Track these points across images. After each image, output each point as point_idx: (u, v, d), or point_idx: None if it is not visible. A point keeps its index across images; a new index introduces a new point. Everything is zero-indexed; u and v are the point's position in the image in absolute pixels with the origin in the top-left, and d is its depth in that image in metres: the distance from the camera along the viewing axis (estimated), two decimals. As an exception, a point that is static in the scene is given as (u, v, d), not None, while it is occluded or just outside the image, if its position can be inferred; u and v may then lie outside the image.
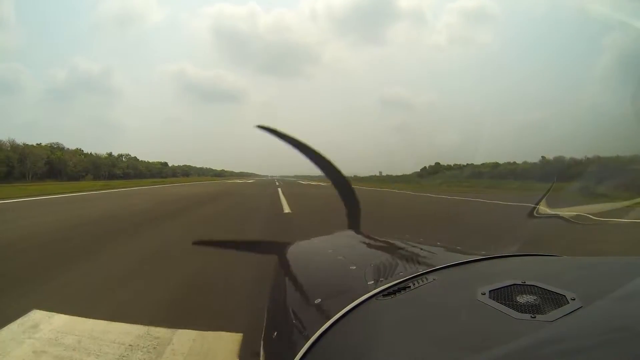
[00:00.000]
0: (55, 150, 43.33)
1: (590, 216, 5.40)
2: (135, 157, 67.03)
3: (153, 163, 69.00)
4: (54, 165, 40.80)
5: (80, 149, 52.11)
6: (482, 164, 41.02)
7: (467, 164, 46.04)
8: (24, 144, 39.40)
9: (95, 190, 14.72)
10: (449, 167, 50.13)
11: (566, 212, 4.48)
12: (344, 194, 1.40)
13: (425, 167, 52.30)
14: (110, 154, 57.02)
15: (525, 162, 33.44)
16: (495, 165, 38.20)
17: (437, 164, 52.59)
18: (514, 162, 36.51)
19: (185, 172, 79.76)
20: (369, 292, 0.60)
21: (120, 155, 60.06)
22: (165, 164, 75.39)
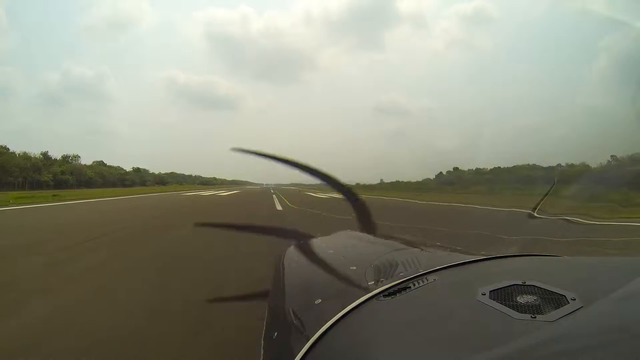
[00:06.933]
0: None
1: (591, 217, 5.32)
2: (101, 161, 57.13)
3: (115, 168, 58.13)
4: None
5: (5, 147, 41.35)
6: (518, 166, 33.38)
7: (494, 167, 38.62)
8: None
9: None
10: (470, 172, 42.63)
11: (566, 213, 4.31)
12: (348, 198, 1.44)
13: (441, 173, 44.81)
14: (44, 154, 45.78)
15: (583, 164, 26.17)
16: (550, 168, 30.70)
17: (456, 168, 45.13)
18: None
19: (161, 180, 66.93)
20: (369, 292, 0.61)
21: (66, 157, 48.89)
22: (138, 169, 65.21)
